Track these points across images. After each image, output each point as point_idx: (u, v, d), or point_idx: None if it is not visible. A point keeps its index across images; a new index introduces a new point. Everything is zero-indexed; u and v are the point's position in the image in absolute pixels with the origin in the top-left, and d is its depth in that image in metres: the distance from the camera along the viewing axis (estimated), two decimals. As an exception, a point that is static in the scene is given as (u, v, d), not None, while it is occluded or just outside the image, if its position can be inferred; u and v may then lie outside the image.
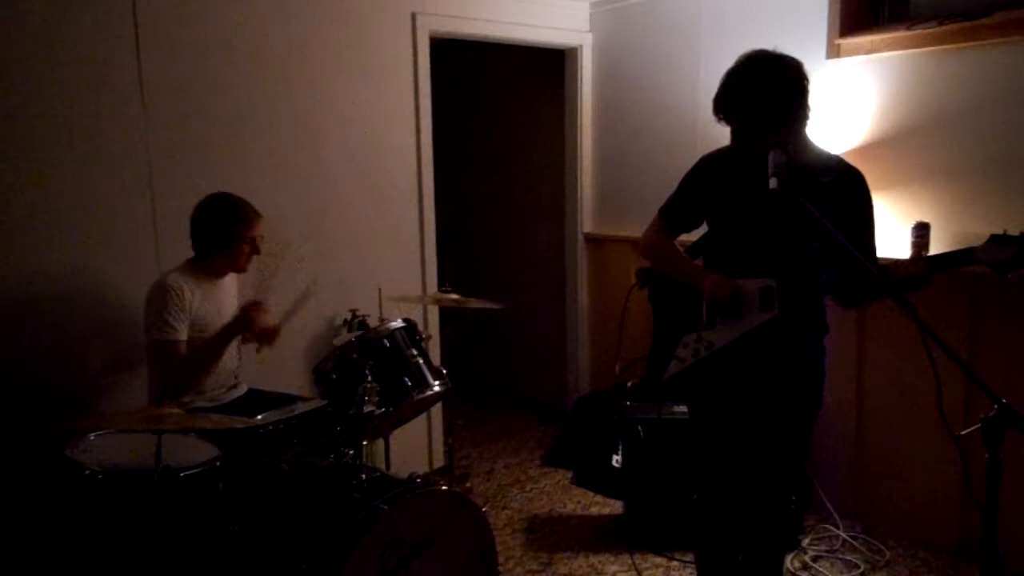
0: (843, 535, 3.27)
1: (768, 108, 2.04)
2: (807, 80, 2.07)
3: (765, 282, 2.10)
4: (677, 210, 2.37)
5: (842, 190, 2.11)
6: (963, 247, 1.95)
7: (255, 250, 2.78)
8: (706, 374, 2.23)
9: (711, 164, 2.31)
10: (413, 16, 3.77)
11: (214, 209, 2.71)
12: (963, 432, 1.59)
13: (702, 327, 2.21)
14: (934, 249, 3.06)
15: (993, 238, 1.89)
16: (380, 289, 3.46)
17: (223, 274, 2.82)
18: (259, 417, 2.57)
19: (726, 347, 2.16)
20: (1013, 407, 1.49)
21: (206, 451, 2.29)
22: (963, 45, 2.97)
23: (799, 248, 2.11)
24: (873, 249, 2.16)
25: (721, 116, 2.13)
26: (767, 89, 2.04)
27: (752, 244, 2.17)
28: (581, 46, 4.44)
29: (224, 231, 2.70)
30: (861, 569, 3.05)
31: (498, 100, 5.35)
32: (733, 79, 2.10)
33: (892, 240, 3.14)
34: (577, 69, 4.47)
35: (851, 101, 3.28)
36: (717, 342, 2.17)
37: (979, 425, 1.52)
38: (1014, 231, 1.91)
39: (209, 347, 2.66)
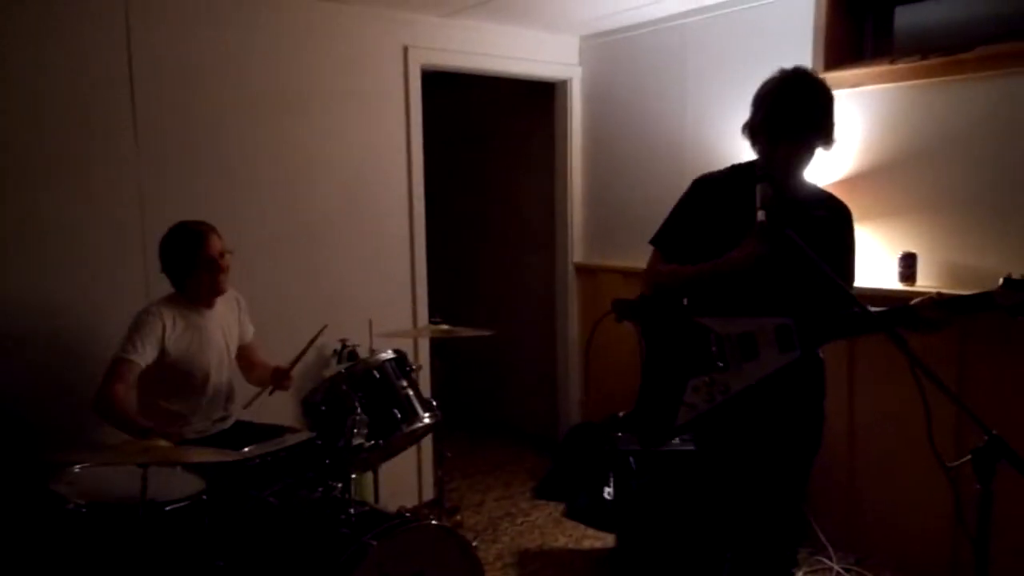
0: (836, 567, 3.24)
1: (814, 122, 2.05)
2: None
3: (780, 321, 2.00)
4: (671, 235, 2.24)
5: (833, 225, 2.13)
6: (980, 291, 1.95)
7: (219, 267, 2.71)
8: (719, 417, 2.10)
9: (708, 186, 2.22)
10: (405, 49, 3.81)
11: (170, 240, 2.71)
12: (954, 463, 1.59)
13: (713, 369, 2.06)
14: (922, 279, 3.09)
15: (1007, 283, 1.90)
16: (371, 321, 3.45)
17: (206, 302, 2.77)
18: (246, 449, 2.53)
19: (742, 391, 2.04)
20: (1003, 439, 1.49)
21: (192, 484, 2.26)
22: (946, 79, 3.02)
23: (808, 284, 2.00)
24: (852, 283, 2.18)
25: (756, 132, 2.11)
26: (815, 103, 2.06)
27: (756, 280, 2.05)
28: (571, 79, 4.49)
29: (184, 257, 2.69)
30: (855, 602, 3.02)
31: (488, 131, 5.39)
32: (787, 94, 2.07)
33: (879, 270, 3.16)
34: (567, 101, 4.52)
35: (838, 133, 3.31)
36: (734, 386, 2.04)
37: (970, 456, 1.52)
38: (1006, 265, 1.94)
39: (126, 422, 2.47)
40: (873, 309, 1.95)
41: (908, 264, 3.08)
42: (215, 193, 3.24)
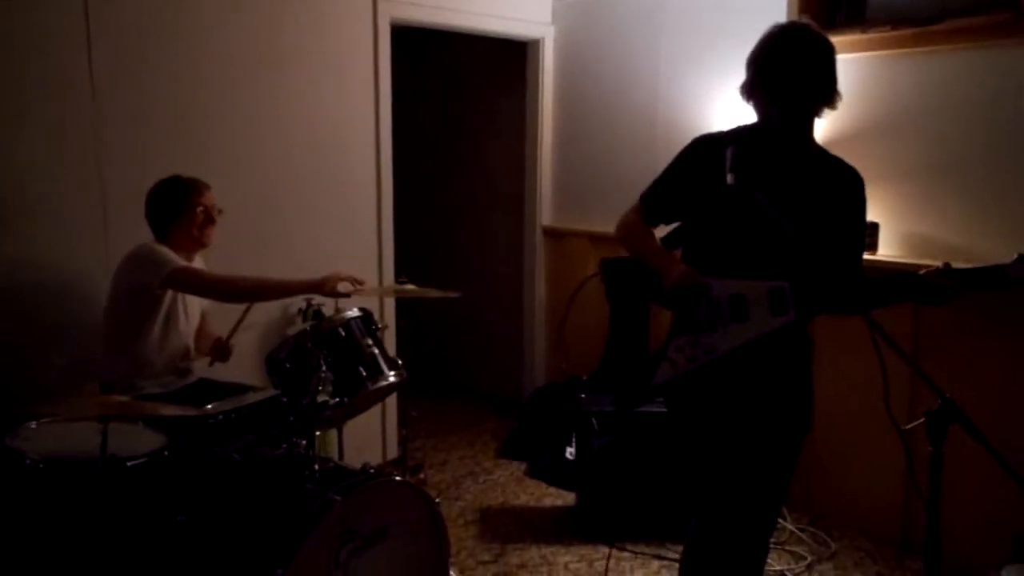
0: (790, 527, 3.33)
1: (811, 82, 1.95)
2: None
3: (774, 284, 1.92)
4: (659, 196, 2.12)
5: (841, 192, 2.04)
6: (993, 264, 1.86)
7: (209, 219, 2.76)
8: (702, 380, 2.01)
9: (706, 146, 2.06)
10: (374, 2, 3.72)
11: (162, 187, 2.75)
12: (908, 426, 1.63)
13: (699, 330, 1.99)
14: (883, 247, 3.14)
15: (1021, 257, 1.84)
16: (336, 278, 3.41)
17: (186, 252, 2.75)
18: (210, 406, 2.52)
19: (728, 354, 1.95)
20: (956, 402, 1.53)
21: (154, 440, 2.24)
22: (915, 50, 3.04)
23: (796, 249, 1.89)
24: (861, 254, 2.13)
25: (757, 93, 1.99)
26: (812, 62, 1.96)
27: (744, 243, 1.98)
28: (543, 38, 4.43)
29: (174, 203, 2.72)
30: (808, 560, 3.12)
31: (458, 90, 5.32)
32: (782, 50, 1.96)
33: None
34: (538, 61, 4.47)
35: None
36: (719, 347, 1.95)
37: (923, 419, 1.56)
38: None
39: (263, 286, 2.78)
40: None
41: (870, 233, 3.12)
42: (176, 153, 3.14)
